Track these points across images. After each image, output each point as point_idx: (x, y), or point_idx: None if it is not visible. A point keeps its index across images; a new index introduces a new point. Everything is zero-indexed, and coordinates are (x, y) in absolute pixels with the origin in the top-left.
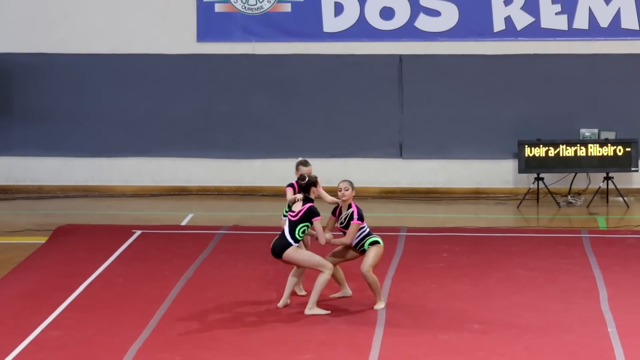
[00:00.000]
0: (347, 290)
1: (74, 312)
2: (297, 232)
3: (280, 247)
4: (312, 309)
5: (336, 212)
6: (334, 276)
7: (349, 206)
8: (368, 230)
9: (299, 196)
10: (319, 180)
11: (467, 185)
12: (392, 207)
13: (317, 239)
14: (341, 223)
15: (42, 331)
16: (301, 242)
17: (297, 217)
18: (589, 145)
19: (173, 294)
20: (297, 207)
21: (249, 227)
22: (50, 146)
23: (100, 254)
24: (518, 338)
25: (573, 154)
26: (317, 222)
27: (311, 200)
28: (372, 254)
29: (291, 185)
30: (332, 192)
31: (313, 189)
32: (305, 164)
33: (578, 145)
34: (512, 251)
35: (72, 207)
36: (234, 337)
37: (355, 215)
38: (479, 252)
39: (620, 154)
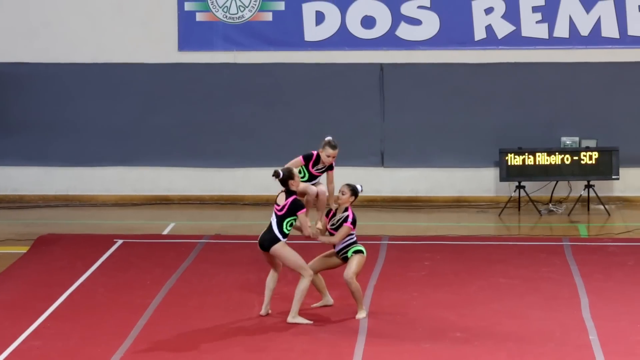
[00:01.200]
0: (329, 299)
1: (55, 321)
2: (284, 226)
3: (268, 241)
4: (295, 318)
5: (329, 214)
6: (315, 284)
7: (345, 209)
8: (355, 239)
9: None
10: (294, 172)
11: (449, 194)
12: (374, 215)
13: (302, 232)
14: (332, 224)
15: (24, 341)
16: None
17: (283, 212)
18: (570, 154)
19: (155, 303)
20: (281, 200)
21: (230, 236)
22: (31, 155)
23: (81, 264)
24: (500, 346)
25: (554, 162)
26: (302, 215)
27: (294, 193)
28: (355, 262)
29: (309, 156)
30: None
31: (291, 182)
32: (332, 146)
33: (559, 153)
34: (494, 259)
35: (53, 217)
36: (215, 347)
37: (349, 219)
38: (461, 260)
39: (601, 162)
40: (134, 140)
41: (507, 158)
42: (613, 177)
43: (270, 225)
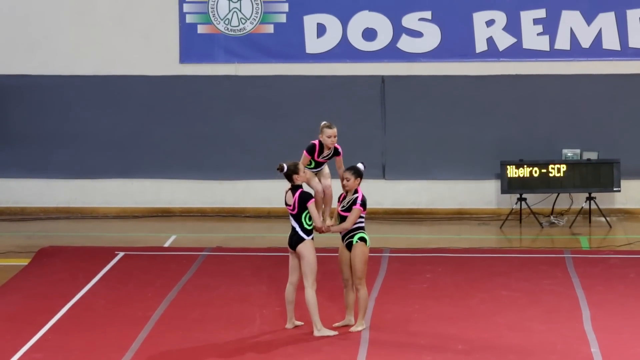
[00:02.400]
0: (351, 319)
1: (56, 334)
2: (304, 223)
3: (295, 241)
4: (320, 331)
5: (340, 197)
6: (346, 297)
7: (355, 191)
8: (363, 223)
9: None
10: (300, 166)
11: (450, 206)
12: (375, 228)
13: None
14: (343, 207)
15: (25, 353)
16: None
17: (296, 210)
18: (571, 166)
19: (156, 315)
20: (290, 199)
21: (232, 248)
22: (33, 168)
23: (82, 276)
24: (501, 359)
25: (555, 175)
26: (311, 206)
27: (300, 187)
28: (358, 262)
29: (312, 147)
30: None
31: (295, 176)
32: (329, 125)
33: (560, 165)
34: (495, 272)
35: (54, 229)
36: (216, 359)
37: (359, 201)
38: (462, 273)
39: (602, 174)
40: (135, 152)
41: (508, 170)
42: (614, 189)
43: (293, 227)
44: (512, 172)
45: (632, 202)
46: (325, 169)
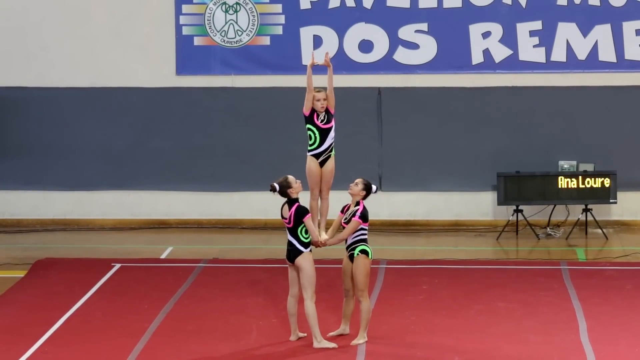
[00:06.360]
0: (346, 328)
1: (53, 346)
2: (300, 236)
3: (294, 254)
4: (320, 342)
5: (344, 209)
6: (344, 308)
7: (357, 203)
8: (366, 235)
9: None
10: (290, 179)
11: (447, 218)
12: (372, 239)
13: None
14: (345, 219)
15: None
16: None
17: (292, 223)
18: (568, 177)
19: (152, 327)
20: (286, 212)
21: (228, 260)
22: (29, 180)
23: (79, 288)
24: None
25: (552, 186)
26: (308, 220)
27: (296, 200)
28: (359, 274)
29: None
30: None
31: (289, 190)
32: (318, 90)
33: (557, 177)
34: (492, 283)
35: (51, 241)
36: None
37: (358, 213)
38: (459, 284)
39: (598, 186)
40: (131, 164)
41: (504, 182)
42: (611, 201)
43: (290, 241)
44: (508, 183)
45: (629, 214)
46: (329, 169)
